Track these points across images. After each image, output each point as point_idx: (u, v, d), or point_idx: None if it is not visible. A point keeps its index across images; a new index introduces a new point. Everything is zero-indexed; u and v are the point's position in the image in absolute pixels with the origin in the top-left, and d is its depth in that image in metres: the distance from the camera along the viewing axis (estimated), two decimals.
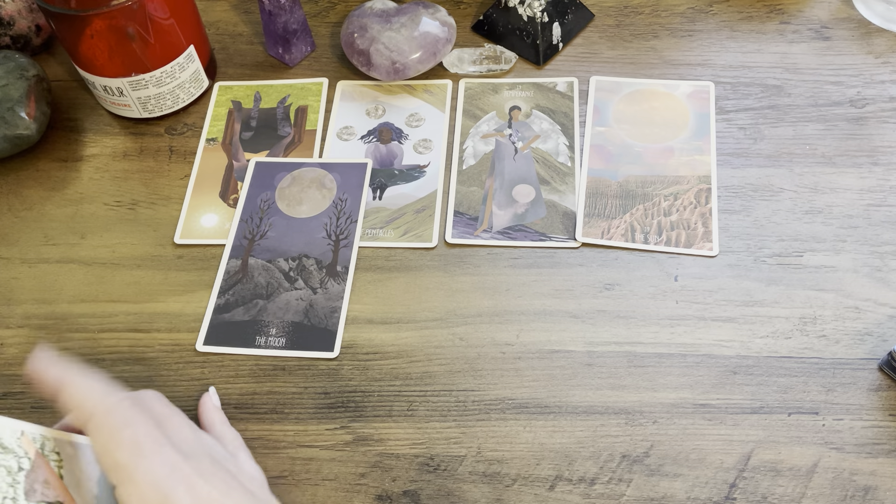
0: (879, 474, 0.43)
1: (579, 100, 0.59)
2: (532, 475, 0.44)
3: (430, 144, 0.58)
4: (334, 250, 0.53)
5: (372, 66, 0.59)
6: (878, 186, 0.53)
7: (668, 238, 0.52)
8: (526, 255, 0.52)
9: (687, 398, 0.46)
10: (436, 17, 0.60)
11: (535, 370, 0.48)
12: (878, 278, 0.50)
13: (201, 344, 0.50)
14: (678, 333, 0.48)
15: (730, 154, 0.56)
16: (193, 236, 0.55)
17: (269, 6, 0.60)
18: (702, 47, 0.61)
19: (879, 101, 0.57)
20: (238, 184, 0.57)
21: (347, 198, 0.56)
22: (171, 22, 0.56)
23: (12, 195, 0.58)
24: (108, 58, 0.56)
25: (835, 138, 0.56)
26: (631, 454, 0.45)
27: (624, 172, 0.55)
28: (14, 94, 0.56)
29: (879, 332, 0.48)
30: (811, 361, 0.47)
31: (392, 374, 0.48)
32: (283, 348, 0.50)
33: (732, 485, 0.43)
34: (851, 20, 0.62)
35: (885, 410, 0.45)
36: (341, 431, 0.47)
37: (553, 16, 0.61)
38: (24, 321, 0.52)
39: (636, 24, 0.63)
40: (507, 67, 0.61)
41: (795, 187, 0.54)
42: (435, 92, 0.61)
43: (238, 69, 0.64)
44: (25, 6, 0.62)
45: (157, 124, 0.61)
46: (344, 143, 0.59)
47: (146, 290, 0.53)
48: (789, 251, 0.51)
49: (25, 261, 0.55)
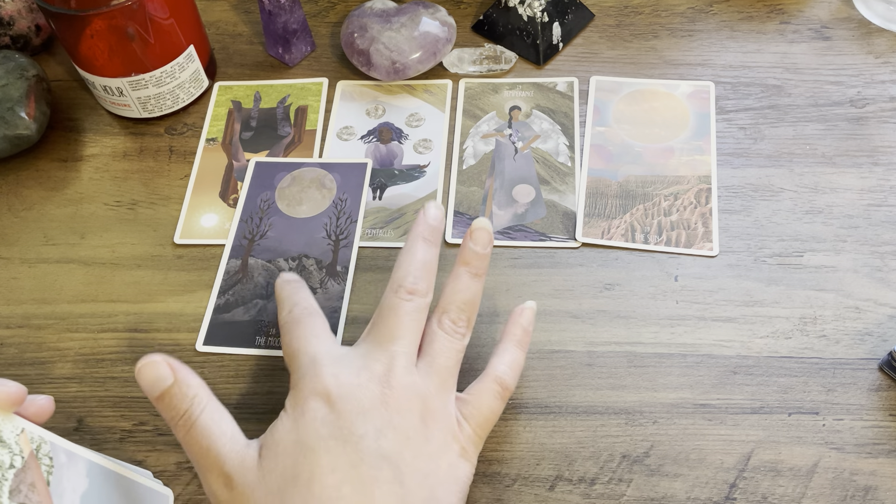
0: (880, 474, 0.43)
1: (579, 100, 0.59)
2: (532, 475, 0.44)
3: (430, 144, 0.58)
4: (334, 250, 0.53)
5: (372, 66, 0.59)
6: (879, 186, 0.53)
7: (669, 238, 0.52)
8: (526, 255, 0.52)
9: (687, 398, 0.46)
10: (436, 17, 0.60)
11: (535, 370, 0.48)
12: (879, 278, 0.50)
13: (201, 344, 0.50)
14: (678, 333, 0.48)
15: (730, 154, 0.56)
16: (193, 236, 0.55)
17: (269, 6, 0.60)
18: (702, 47, 0.61)
19: (880, 101, 0.57)
20: (238, 184, 0.57)
21: (347, 198, 0.56)
22: (171, 22, 0.56)
23: (12, 195, 0.58)
24: (108, 58, 0.56)
25: (835, 138, 0.56)
26: (631, 454, 0.45)
27: (624, 172, 0.55)
28: (14, 94, 0.56)
29: (880, 332, 0.48)
30: (811, 361, 0.47)
31: None
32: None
33: (732, 485, 0.43)
34: (852, 20, 0.62)
35: (886, 410, 0.45)
36: None
37: (553, 16, 0.61)
38: (23, 321, 0.52)
39: (636, 24, 0.63)
40: (507, 67, 0.61)
41: (796, 187, 0.54)
42: (435, 92, 0.61)
43: (238, 69, 0.64)
44: (25, 6, 0.62)
45: (156, 124, 0.61)
46: (344, 143, 0.59)
47: (146, 290, 0.53)
48: (789, 251, 0.51)
49: (25, 261, 0.55)
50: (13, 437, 0.34)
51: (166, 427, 0.47)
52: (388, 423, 0.38)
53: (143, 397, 0.48)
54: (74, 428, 0.48)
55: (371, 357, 0.40)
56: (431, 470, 0.38)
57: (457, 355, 0.41)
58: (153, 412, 0.48)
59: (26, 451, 0.34)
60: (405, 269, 0.42)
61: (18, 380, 0.49)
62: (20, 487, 0.33)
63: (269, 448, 0.38)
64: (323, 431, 0.37)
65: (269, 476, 0.37)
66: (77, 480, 0.36)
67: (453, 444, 0.39)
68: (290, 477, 0.36)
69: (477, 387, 0.41)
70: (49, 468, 0.35)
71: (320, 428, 0.37)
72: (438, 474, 0.38)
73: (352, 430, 0.37)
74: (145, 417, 0.48)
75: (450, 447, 0.39)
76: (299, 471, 0.36)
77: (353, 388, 0.38)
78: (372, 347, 0.40)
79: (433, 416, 0.39)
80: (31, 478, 0.34)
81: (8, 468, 0.33)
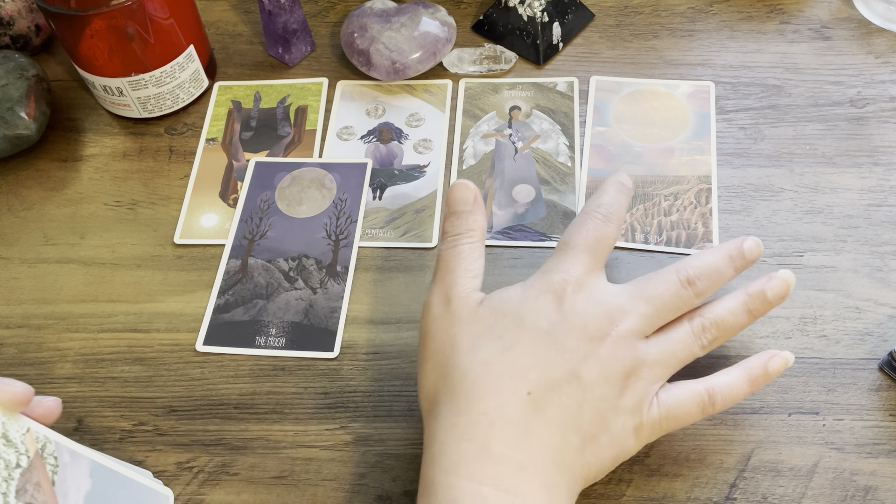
0: (880, 474, 0.43)
1: (579, 100, 0.59)
2: None
3: (430, 144, 0.58)
4: (334, 250, 0.53)
5: (372, 65, 0.59)
6: (879, 186, 0.53)
7: (669, 238, 0.52)
8: (526, 255, 0.52)
9: None
10: (436, 17, 0.60)
11: None
12: (879, 278, 0.50)
13: (201, 344, 0.50)
14: None
15: (730, 154, 0.56)
16: (193, 236, 0.55)
17: (269, 6, 0.60)
18: (702, 47, 0.61)
19: (880, 101, 0.57)
20: (238, 184, 0.57)
21: (347, 198, 0.56)
22: (171, 22, 0.56)
23: (12, 195, 0.58)
24: (108, 58, 0.56)
25: (835, 138, 0.56)
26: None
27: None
28: (14, 93, 0.56)
29: (880, 332, 0.48)
30: (811, 361, 0.47)
31: (392, 374, 0.48)
32: (282, 348, 0.50)
33: (732, 485, 0.43)
34: (852, 20, 0.62)
35: (886, 410, 0.45)
36: (341, 431, 0.47)
37: (553, 16, 0.61)
38: (23, 321, 0.52)
39: (636, 24, 0.63)
40: (507, 67, 0.61)
41: (796, 187, 0.54)
42: (435, 92, 0.61)
43: (238, 69, 0.64)
44: (25, 6, 0.62)
45: (156, 124, 0.61)
46: (344, 143, 0.59)
47: (146, 290, 0.53)
48: (789, 251, 0.51)
49: (25, 261, 0.55)
50: (19, 437, 0.34)
51: (166, 427, 0.47)
52: (598, 359, 0.39)
53: (143, 397, 0.48)
54: (74, 428, 0.48)
55: (623, 306, 0.41)
56: (607, 419, 0.39)
57: (687, 355, 0.41)
58: (153, 412, 0.48)
59: (32, 451, 0.34)
60: (695, 262, 0.42)
61: (18, 380, 0.49)
62: (26, 487, 0.33)
63: (491, 302, 0.41)
64: (542, 323, 0.39)
65: (478, 322, 0.40)
66: (81, 480, 0.36)
67: (635, 416, 0.39)
68: (495, 336, 0.39)
69: (688, 386, 0.41)
70: (54, 468, 0.35)
71: (541, 319, 0.40)
72: (610, 427, 0.39)
73: (565, 341, 0.39)
74: (145, 417, 0.48)
75: (632, 416, 0.39)
76: (504, 336, 0.39)
77: (590, 313, 0.40)
78: (629, 300, 0.41)
79: (636, 381, 0.40)
80: (36, 477, 0.34)
81: (14, 467, 0.33)
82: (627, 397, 0.39)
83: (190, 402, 0.48)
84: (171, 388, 0.49)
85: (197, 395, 0.48)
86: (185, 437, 0.47)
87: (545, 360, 0.39)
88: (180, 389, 0.49)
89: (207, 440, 0.47)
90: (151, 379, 0.49)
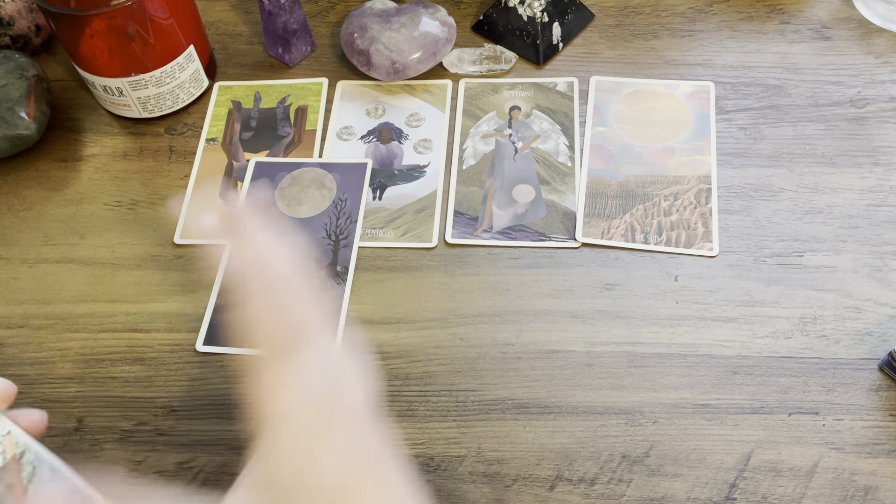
0: (880, 474, 0.43)
1: (579, 100, 0.59)
2: (532, 475, 0.44)
3: (430, 144, 0.58)
4: (334, 250, 0.53)
5: (372, 66, 0.59)
6: (879, 186, 0.53)
7: (669, 238, 0.52)
8: (526, 255, 0.52)
9: (687, 398, 0.46)
10: (436, 17, 0.60)
11: (535, 370, 0.48)
12: (878, 278, 0.50)
13: (201, 344, 0.50)
14: (678, 333, 0.48)
15: (730, 154, 0.56)
16: (193, 236, 0.55)
17: (269, 6, 0.60)
18: (702, 47, 0.61)
19: (879, 101, 0.57)
20: (238, 184, 0.57)
21: (347, 198, 0.56)
22: (171, 22, 0.56)
23: (12, 195, 0.58)
24: (108, 58, 0.56)
25: (835, 138, 0.56)
26: (631, 454, 0.45)
27: (624, 172, 0.55)
28: (14, 94, 0.56)
29: (879, 332, 0.48)
30: (811, 361, 0.47)
31: (392, 374, 0.48)
32: None
33: (733, 485, 0.43)
34: (851, 20, 0.62)
35: (886, 410, 0.45)
36: None
37: (553, 16, 0.61)
38: (23, 321, 0.52)
39: (636, 24, 0.63)
40: (507, 67, 0.61)
41: (795, 187, 0.54)
42: (435, 92, 0.61)
43: (238, 69, 0.64)
44: (25, 6, 0.62)
45: (156, 124, 0.61)
46: (344, 143, 0.59)
47: (146, 290, 0.53)
48: (789, 251, 0.51)
49: (25, 261, 0.55)
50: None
51: (166, 427, 0.47)
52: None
53: (143, 397, 0.48)
54: (74, 428, 0.48)
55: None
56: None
57: None
58: (153, 412, 0.48)
59: (9, 453, 0.34)
60: None
61: (18, 380, 0.49)
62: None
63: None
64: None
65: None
66: (57, 499, 0.36)
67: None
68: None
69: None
70: (30, 476, 0.35)
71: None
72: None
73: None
74: (145, 417, 0.48)
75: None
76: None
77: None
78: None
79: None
80: (9, 479, 0.34)
81: None
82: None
83: (190, 402, 0.48)
84: (171, 388, 0.49)
85: (197, 395, 0.48)
86: (185, 437, 0.47)
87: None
88: (180, 389, 0.49)
89: (207, 440, 0.47)
90: (151, 379, 0.49)
